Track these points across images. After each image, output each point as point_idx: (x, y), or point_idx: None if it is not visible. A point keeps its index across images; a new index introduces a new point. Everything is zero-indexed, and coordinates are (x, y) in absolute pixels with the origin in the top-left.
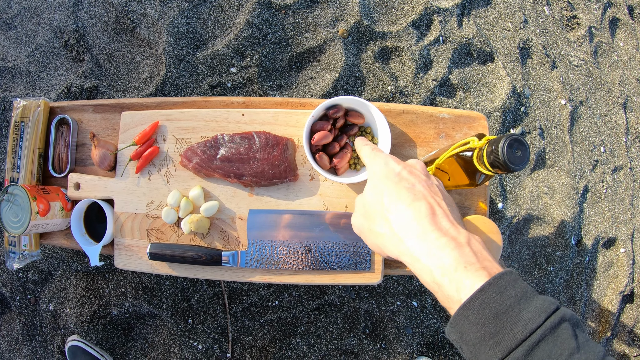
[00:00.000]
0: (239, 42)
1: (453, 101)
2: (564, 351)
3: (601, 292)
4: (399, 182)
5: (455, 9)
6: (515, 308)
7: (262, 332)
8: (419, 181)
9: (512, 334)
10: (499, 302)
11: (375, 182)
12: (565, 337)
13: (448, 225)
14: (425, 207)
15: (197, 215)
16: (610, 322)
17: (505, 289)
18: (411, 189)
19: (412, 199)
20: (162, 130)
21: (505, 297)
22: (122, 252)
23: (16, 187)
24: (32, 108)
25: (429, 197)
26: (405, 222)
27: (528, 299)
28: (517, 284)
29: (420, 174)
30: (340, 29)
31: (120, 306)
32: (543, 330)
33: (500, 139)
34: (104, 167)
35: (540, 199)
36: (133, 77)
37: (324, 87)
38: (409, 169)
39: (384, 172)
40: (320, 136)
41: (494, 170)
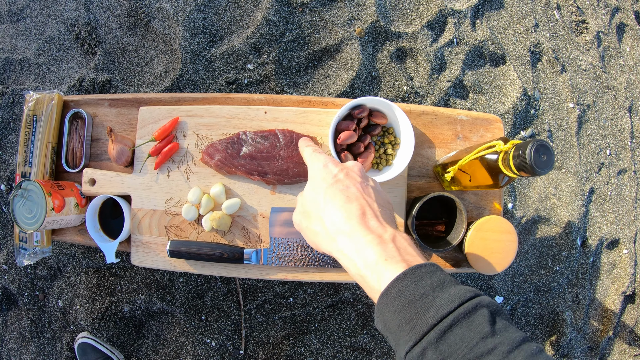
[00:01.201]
0: (256, 39)
1: (466, 102)
2: (476, 335)
3: (604, 292)
4: (334, 183)
5: (469, 11)
6: (430, 295)
7: (275, 328)
8: (354, 183)
9: (425, 319)
10: (413, 290)
11: (314, 183)
12: (480, 322)
13: (376, 224)
14: (355, 208)
15: (219, 213)
16: (612, 321)
17: (422, 278)
18: (345, 191)
19: (345, 201)
20: (182, 127)
21: (421, 285)
22: (139, 249)
23: (31, 182)
24: (45, 101)
25: (361, 198)
26: (337, 222)
27: (444, 288)
28: (435, 275)
29: (356, 176)
30: (357, 28)
31: (132, 303)
32: (456, 315)
33: (527, 143)
34: (121, 163)
35: (548, 200)
36: (147, 72)
37: (341, 86)
38: (346, 171)
39: (322, 174)
40: (346, 135)
41: (519, 174)
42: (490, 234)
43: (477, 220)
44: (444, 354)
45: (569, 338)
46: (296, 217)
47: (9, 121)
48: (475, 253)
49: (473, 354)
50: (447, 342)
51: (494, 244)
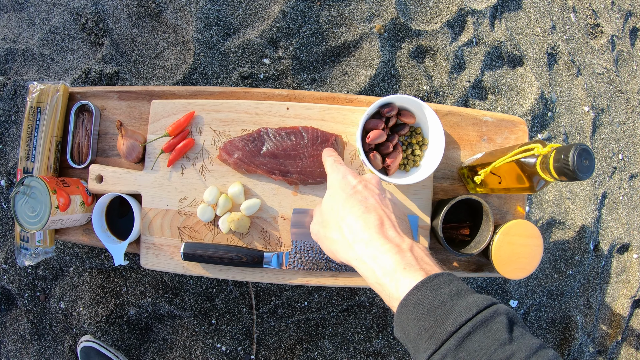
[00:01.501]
0: (273, 33)
1: (485, 104)
2: (495, 342)
3: (613, 297)
4: (353, 194)
5: (488, 11)
6: (448, 303)
7: (288, 333)
8: (372, 195)
9: (444, 327)
10: (432, 298)
11: (333, 193)
12: (498, 329)
13: (394, 234)
14: (374, 218)
15: (238, 214)
16: (621, 325)
17: (440, 287)
18: (364, 202)
19: (363, 211)
20: (198, 122)
21: (439, 294)
22: (149, 250)
23: (34, 178)
24: (50, 93)
25: (379, 209)
26: (356, 231)
27: (462, 296)
28: (453, 284)
29: (374, 188)
30: (377, 24)
31: (138, 306)
32: (474, 322)
33: (569, 148)
34: (131, 159)
35: (563, 204)
36: (157, 64)
37: (360, 83)
38: (365, 183)
39: (341, 185)
40: (375, 135)
41: (560, 178)
42: (517, 239)
43: (504, 225)
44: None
45: (579, 342)
46: (314, 227)
47: (10, 114)
48: (502, 257)
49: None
50: (466, 349)
51: (521, 249)
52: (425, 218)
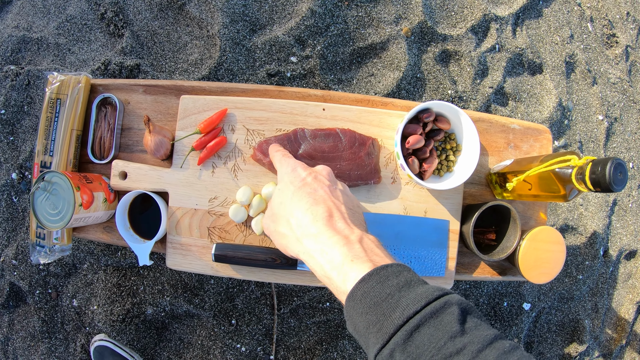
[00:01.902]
0: (301, 31)
1: (506, 110)
2: (445, 334)
3: (619, 302)
4: (302, 187)
5: (511, 18)
6: (395, 295)
7: (308, 333)
8: (321, 186)
9: (391, 320)
10: (379, 291)
11: (282, 187)
12: (449, 320)
13: (343, 226)
14: (322, 211)
15: None
16: (625, 330)
17: (387, 279)
18: (312, 194)
19: (312, 203)
20: (230, 119)
21: (386, 286)
22: (176, 251)
23: (55, 174)
24: (71, 84)
25: (328, 201)
26: (303, 224)
27: (410, 287)
28: (402, 274)
29: (324, 180)
30: (404, 27)
31: (156, 305)
32: (423, 314)
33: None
34: (158, 156)
35: (576, 210)
36: (179, 58)
37: (387, 85)
38: (314, 174)
39: (290, 177)
40: (415, 140)
41: (595, 190)
42: (542, 245)
43: (531, 231)
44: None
45: (587, 346)
46: (266, 222)
47: (23, 104)
48: (528, 262)
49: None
50: (415, 343)
51: (546, 254)
52: (456, 223)
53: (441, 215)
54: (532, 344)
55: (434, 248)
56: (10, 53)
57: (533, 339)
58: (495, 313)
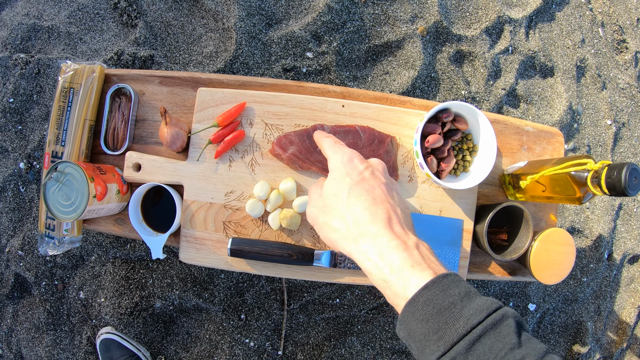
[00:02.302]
0: (317, 26)
1: (517, 112)
2: (505, 345)
3: (621, 305)
4: (360, 182)
5: (524, 20)
6: (458, 305)
7: (317, 329)
8: (379, 184)
9: (455, 329)
10: (442, 299)
11: (337, 177)
12: (507, 332)
13: (400, 230)
14: (382, 212)
15: (290, 211)
16: (627, 333)
17: (449, 288)
18: (371, 191)
19: (371, 202)
20: (249, 113)
21: (449, 294)
22: (190, 244)
23: (69, 164)
24: (85, 73)
25: (386, 202)
26: (362, 224)
27: (471, 298)
28: (461, 284)
29: (381, 177)
30: (420, 26)
31: (164, 298)
32: (484, 325)
33: (622, 166)
34: (174, 148)
35: (583, 213)
36: (194, 50)
37: (402, 84)
38: (372, 169)
39: (347, 169)
40: (434, 139)
41: (609, 193)
42: (554, 246)
43: (543, 232)
44: None
45: (589, 348)
46: (312, 211)
47: (32, 93)
48: (539, 263)
49: None
50: (476, 353)
51: (557, 256)
52: (469, 222)
53: (456, 214)
54: None
55: (448, 247)
56: (20, 41)
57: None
58: None
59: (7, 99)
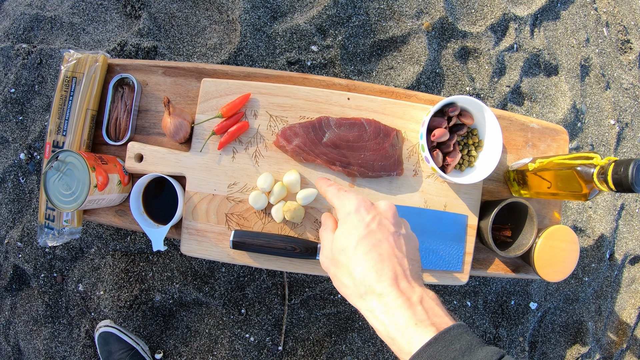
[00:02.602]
0: (323, 20)
1: (521, 109)
2: None
3: (622, 306)
4: (367, 236)
5: (529, 18)
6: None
7: (317, 325)
8: (387, 237)
9: None
10: (444, 355)
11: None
12: None
13: (406, 285)
14: (388, 269)
15: (294, 204)
16: (627, 334)
17: (451, 343)
18: (377, 247)
19: (377, 260)
20: (253, 105)
21: (451, 350)
22: (192, 237)
23: (70, 153)
24: (87, 62)
25: (393, 257)
26: (367, 282)
27: (472, 351)
28: (463, 338)
29: (389, 226)
30: (425, 22)
31: (164, 292)
32: None
33: (629, 162)
34: (177, 139)
35: (585, 212)
36: (198, 42)
37: (407, 79)
38: (379, 219)
39: (354, 221)
40: (440, 133)
41: (615, 189)
42: (558, 243)
43: (547, 229)
44: None
45: (589, 348)
46: (325, 261)
47: (34, 84)
48: (543, 260)
49: None
50: None
51: (561, 253)
52: (474, 218)
53: (460, 209)
54: (536, 344)
55: (452, 242)
56: (22, 31)
57: (537, 338)
58: (502, 311)
59: (9, 89)
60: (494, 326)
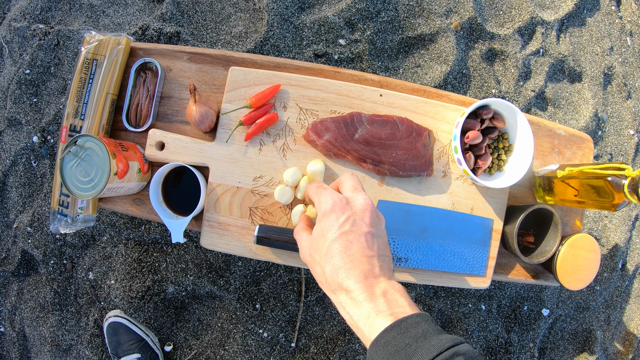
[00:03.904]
0: (352, 13)
1: (545, 115)
2: None
3: (630, 316)
4: (338, 238)
5: (556, 23)
6: (413, 345)
7: (332, 323)
8: (358, 237)
9: None
10: (399, 340)
11: (321, 231)
12: None
13: (372, 281)
14: (356, 270)
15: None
16: (633, 345)
17: (407, 330)
18: (348, 247)
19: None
20: (283, 96)
21: (406, 336)
22: (213, 230)
23: (90, 138)
24: (109, 45)
25: (363, 257)
26: (337, 279)
27: (426, 338)
28: (420, 326)
29: (363, 226)
30: (454, 21)
31: (178, 284)
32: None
33: None
34: (202, 128)
35: (601, 221)
36: (222, 30)
37: (434, 78)
38: (353, 219)
39: (328, 221)
40: (474, 135)
41: None
42: (580, 252)
43: (571, 237)
44: None
45: (596, 357)
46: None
47: (50, 65)
48: (566, 268)
49: None
50: None
51: (583, 262)
52: (499, 222)
53: (486, 213)
54: (545, 350)
55: (477, 246)
56: (39, 11)
57: (547, 345)
58: (515, 316)
59: (24, 70)
60: (506, 331)
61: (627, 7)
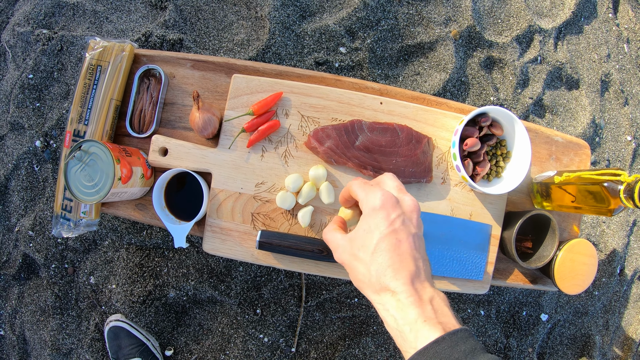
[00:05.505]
0: (352, 22)
1: (542, 122)
2: None
3: (629, 321)
4: (389, 234)
5: (554, 31)
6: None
7: (332, 328)
8: (407, 237)
9: None
10: (449, 354)
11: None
12: None
13: (419, 285)
14: (404, 270)
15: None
16: (632, 350)
17: (457, 344)
18: (398, 246)
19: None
20: (285, 104)
21: (456, 350)
22: (215, 235)
23: (95, 143)
24: (114, 51)
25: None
26: (384, 279)
27: (475, 356)
28: (468, 341)
29: (411, 227)
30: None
31: (179, 289)
32: None
33: None
34: (205, 134)
35: (599, 227)
36: (224, 37)
37: (434, 86)
38: (403, 218)
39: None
40: (472, 142)
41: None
42: (578, 257)
43: (568, 242)
44: None
45: None
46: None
47: (53, 70)
48: (563, 273)
49: None
50: None
51: (580, 267)
52: (497, 228)
53: (485, 219)
54: (544, 355)
55: (475, 251)
56: (43, 16)
57: (545, 350)
58: (514, 321)
59: (27, 75)
60: (504, 336)
61: (624, 15)
